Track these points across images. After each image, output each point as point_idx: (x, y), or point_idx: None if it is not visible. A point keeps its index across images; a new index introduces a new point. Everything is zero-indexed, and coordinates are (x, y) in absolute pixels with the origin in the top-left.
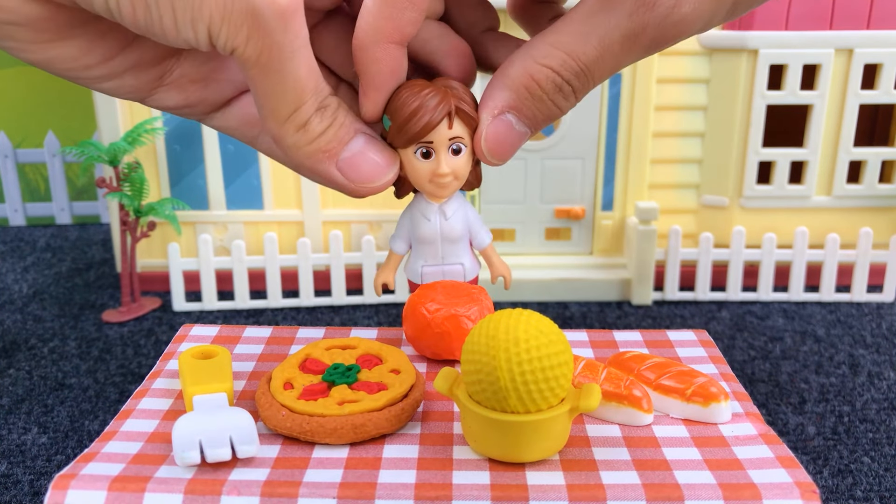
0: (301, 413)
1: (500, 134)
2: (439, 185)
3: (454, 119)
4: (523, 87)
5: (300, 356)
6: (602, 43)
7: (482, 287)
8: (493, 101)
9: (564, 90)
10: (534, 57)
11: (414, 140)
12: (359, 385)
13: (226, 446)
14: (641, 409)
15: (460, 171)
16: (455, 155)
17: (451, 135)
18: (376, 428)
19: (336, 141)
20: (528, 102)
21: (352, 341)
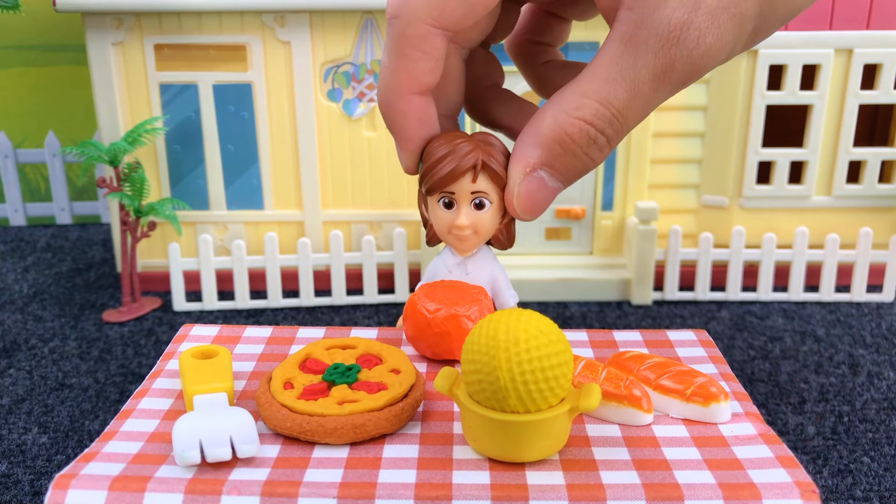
0: (301, 413)
1: (533, 192)
2: (457, 237)
3: (479, 173)
4: (556, 142)
5: (300, 356)
6: (632, 85)
7: (482, 287)
8: (525, 159)
9: (599, 141)
10: (566, 110)
11: (436, 188)
12: (359, 385)
13: (226, 446)
14: (641, 409)
15: (482, 226)
16: (478, 209)
17: (475, 188)
18: (376, 428)
19: None
20: (561, 158)
21: (352, 341)
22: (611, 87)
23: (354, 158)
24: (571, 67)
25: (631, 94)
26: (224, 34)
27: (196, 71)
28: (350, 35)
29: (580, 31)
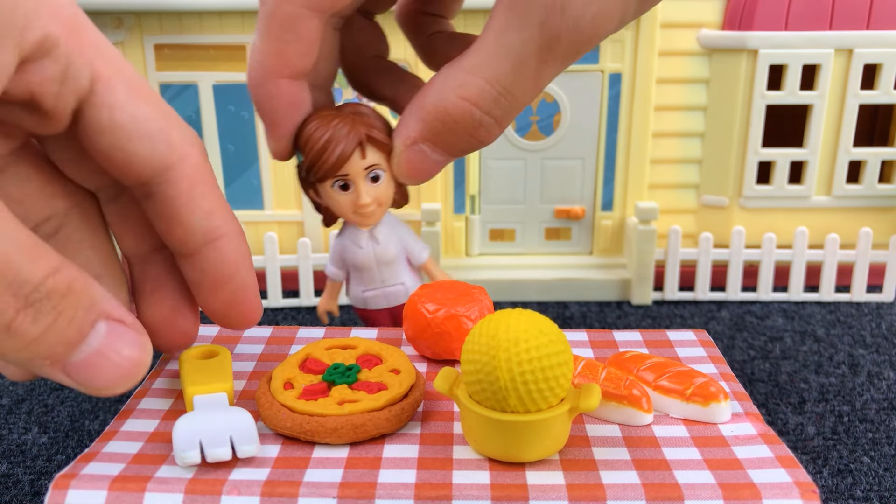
0: (301, 413)
1: (415, 162)
2: (363, 214)
3: (367, 147)
4: (438, 120)
5: (300, 356)
6: (518, 60)
7: (482, 287)
8: (406, 131)
9: (485, 123)
10: (450, 87)
11: (329, 175)
12: (359, 385)
13: (226, 446)
14: (641, 409)
15: (383, 198)
16: (374, 182)
17: (367, 164)
18: (376, 428)
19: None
20: (443, 135)
21: (352, 341)
22: (496, 63)
23: None
24: (460, 39)
25: (517, 70)
26: (224, 34)
27: (196, 71)
28: None
29: None
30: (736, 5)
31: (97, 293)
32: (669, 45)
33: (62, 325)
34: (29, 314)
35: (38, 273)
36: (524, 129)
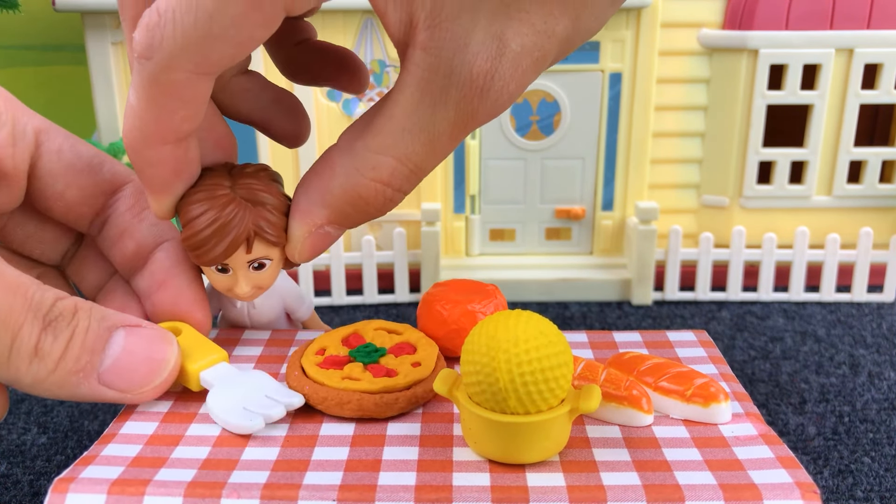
0: (308, 377)
1: (318, 245)
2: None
3: (254, 242)
4: (348, 204)
5: (348, 330)
6: (431, 138)
7: (495, 285)
8: (310, 218)
9: (395, 199)
10: (359, 170)
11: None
12: (373, 367)
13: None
14: (641, 410)
15: (265, 283)
16: (258, 269)
17: (251, 258)
18: (361, 409)
19: (86, 353)
20: (351, 217)
21: (400, 327)
22: (408, 140)
23: None
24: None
25: (429, 148)
26: None
27: None
28: (350, 35)
29: None
30: (736, 5)
31: (106, 310)
32: (669, 44)
33: (80, 337)
34: (49, 333)
35: (48, 297)
36: (524, 129)
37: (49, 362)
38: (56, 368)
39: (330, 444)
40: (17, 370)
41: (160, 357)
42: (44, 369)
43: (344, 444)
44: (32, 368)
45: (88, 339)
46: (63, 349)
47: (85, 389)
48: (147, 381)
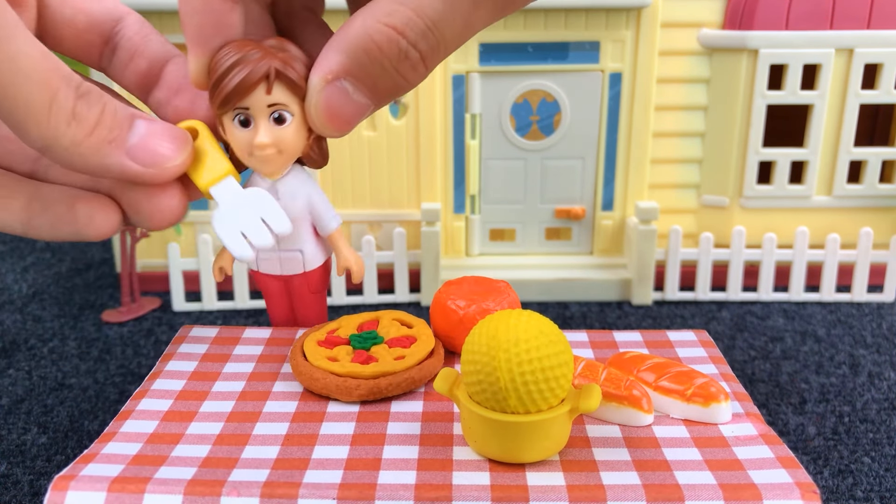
0: (301, 350)
1: (334, 102)
2: (259, 158)
3: (274, 83)
4: (362, 50)
5: (370, 316)
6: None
7: (506, 281)
8: (326, 65)
9: (411, 56)
10: (375, 15)
11: (227, 103)
12: (358, 353)
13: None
14: (641, 410)
15: (285, 143)
16: (278, 124)
17: (270, 101)
18: (325, 388)
19: (117, 126)
20: (367, 68)
21: (415, 321)
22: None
23: (354, 158)
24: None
25: (448, 5)
26: None
27: None
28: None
29: (580, 31)
30: (736, 5)
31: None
32: (669, 44)
33: (110, 111)
34: (83, 102)
35: (76, 75)
36: (524, 129)
37: (86, 126)
38: (92, 133)
39: (330, 442)
40: (56, 129)
41: (177, 141)
42: (81, 132)
43: (344, 442)
44: (71, 130)
45: (118, 115)
46: (98, 117)
47: (115, 159)
48: (169, 158)
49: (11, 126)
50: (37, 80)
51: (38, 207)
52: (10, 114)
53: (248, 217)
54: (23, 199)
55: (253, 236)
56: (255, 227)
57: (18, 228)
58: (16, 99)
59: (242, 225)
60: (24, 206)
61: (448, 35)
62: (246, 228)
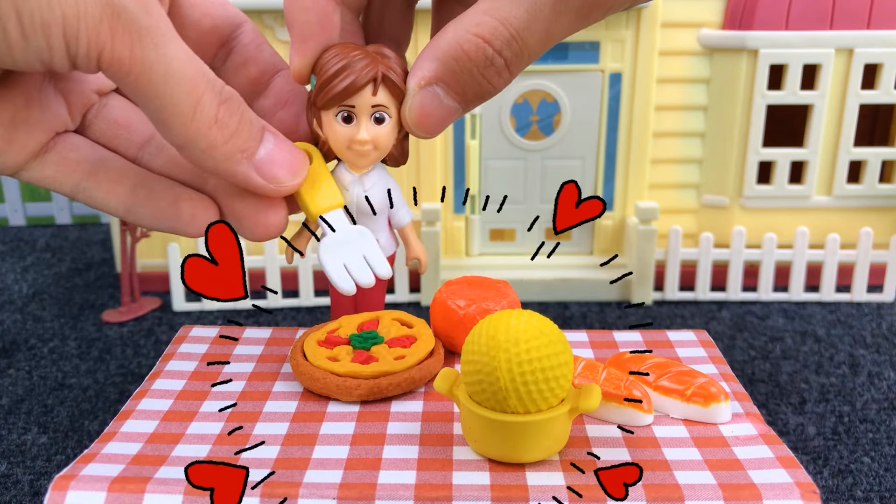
0: (300, 350)
1: (427, 106)
2: (357, 152)
3: (379, 86)
4: (452, 58)
5: (370, 316)
6: (533, 5)
7: (505, 281)
8: (420, 72)
9: (496, 63)
10: (465, 26)
11: (335, 101)
12: (358, 352)
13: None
14: (641, 410)
15: (381, 141)
16: (377, 123)
17: (375, 102)
18: (325, 387)
19: (251, 138)
20: (457, 75)
21: (415, 321)
22: (511, 5)
23: None
24: None
25: (531, 15)
26: None
27: None
28: None
29: (580, 31)
30: (736, 5)
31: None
32: (669, 44)
33: (247, 122)
34: (225, 109)
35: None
36: (524, 129)
37: (226, 133)
38: (229, 141)
39: (330, 442)
40: (196, 131)
41: (300, 161)
42: (220, 138)
43: (344, 442)
44: (211, 133)
45: (253, 127)
46: (237, 125)
47: (243, 168)
48: (288, 178)
49: (155, 121)
50: (186, 82)
51: (143, 196)
52: (157, 112)
53: (352, 253)
54: (129, 184)
55: (356, 273)
56: (360, 265)
57: (120, 212)
58: (164, 99)
59: (347, 259)
60: (130, 192)
61: (531, 43)
62: (350, 264)
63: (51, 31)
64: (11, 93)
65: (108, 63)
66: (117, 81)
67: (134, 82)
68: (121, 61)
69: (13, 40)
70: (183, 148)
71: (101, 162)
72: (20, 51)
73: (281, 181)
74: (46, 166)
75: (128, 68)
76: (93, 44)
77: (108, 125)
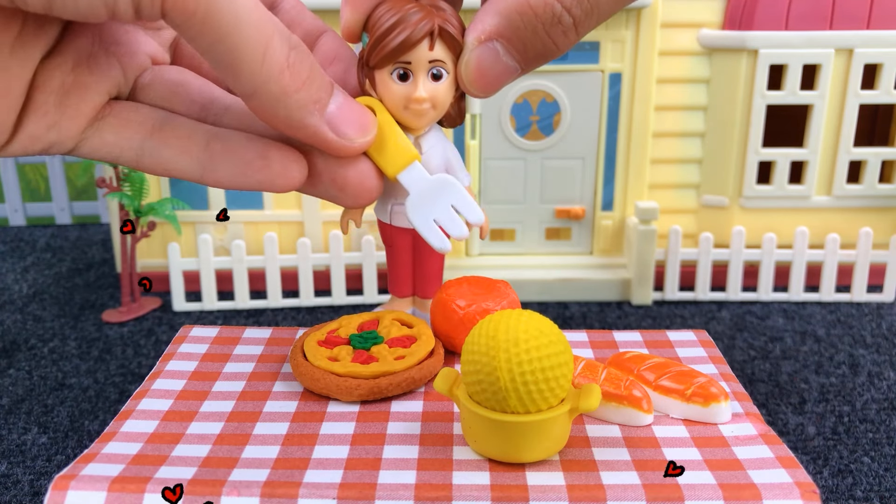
0: (300, 350)
1: (485, 62)
2: (415, 111)
3: (436, 40)
4: (516, 12)
5: (370, 316)
6: None
7: (505, 281)
8: (481, 25)
9: (564, 21)
10: None
11: (391, 58)
12: (359, 353)
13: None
14: (641, 410)
15: (439, 99)
16: (435, 80)
17: (432, 57)
18: (325, 387)
19: (323, 89)
20: (519, 32)
21: (415, 321)
22: None
23: None
24: None
25: None
26: None
27: None
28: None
29: None
30: (736, 5)
31: None
32: (669, 45)
33: (318, 72)
34: (294, 56)
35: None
36: (524, 129)
37: (298, 78)
38: (302, 87)
39: (330, 442)
40: (268, 74)
41: (369, 119)
42: (293, 83)
43: (344, 442)
44: (284, 78)
45: (325, 78)
46: (309, 71)
47: (315, 120)
48: (359, 134)
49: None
50: (254, 23)
51: (220, 150)
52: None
53: (440, 205)
54: (201, 139)
55: (449, 227)
56: (449, 216)
57: (197, 171)
58: (233, 40)
59: (436, 213)
60: (204, 147)
61: (603, 1)
62: (440, 217)
63: None
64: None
65: (172, 5)
66: (180, 26)
67: (199, 24)
68: (185, 3)
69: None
70: (252, 96)
71: (165, 119)
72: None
73: (352, 138)
74: (105, 131)
75: (192, 9)
76: None
77: (165, 87)
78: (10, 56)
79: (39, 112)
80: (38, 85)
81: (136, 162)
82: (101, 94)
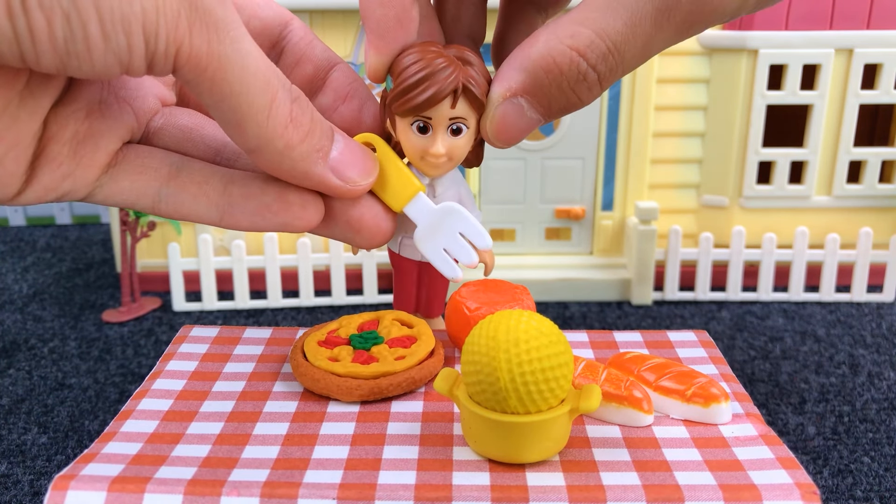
0: (300, 350)
1: (509, 119)
2: (431, 164)
3: (459, 98)
4: (542, 69)
5: (370, 316)
6: (632, 18)
7: (524, 287)
8: (507, 82)
9: (589, 78)
10: (559, 37)
11: (413, 112)
12: (359, 353)
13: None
14: (642, 410)
15: (457, 153)
16: (454, 135)
17: (453, 114)
18: (325, 388)
19: (325, 137)
20: (545, 89)
21: (415, 321)
22: (609, 17)
23: None
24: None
25: (630, 29)
26: None
27: None
28: (350, 35)
29: None
30: None
31: None
32: None
33: (318, 120)
34: (296, 108)
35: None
36: None
37: (300, 132)
38: (304, 140)
39: (330, 442)
40: (273, 131)
41: (370, 161)
42: (296, 137)
43: (344, 443)
44: (287, 133)
45: (324, 125)
46: (310, 124)
47: (319, 169)
48: (363, 176)
49: (228, 123)
50: (260, 79)
51: (239, 194)
52: (230, 112)
53: (448, 233)
54: (218, 184)
55: (459, 254)
56: (458, 243)
57: (216, 216)
58: (240, 97)
59: (444, 242)
60: (222, 191)
61: (628, 57)
62: (449, 245)
63: (131, 29)
64: (70, 108)
65: (186, 60)
66: (190, 81)
67: (209, 80)
68: (198, 58)
69: (94, 42)
70: (257, 151)
71: (181, 164)
72: (99, 53)
73: (355, 181)
74: (121, 178)
75: (205, 65)
76: (171, 39)
77: (179, 130)
78: (20, 106)
79: (54, 163)
80: (51, 136)
81: (152, 208)
82: (115, 140)
